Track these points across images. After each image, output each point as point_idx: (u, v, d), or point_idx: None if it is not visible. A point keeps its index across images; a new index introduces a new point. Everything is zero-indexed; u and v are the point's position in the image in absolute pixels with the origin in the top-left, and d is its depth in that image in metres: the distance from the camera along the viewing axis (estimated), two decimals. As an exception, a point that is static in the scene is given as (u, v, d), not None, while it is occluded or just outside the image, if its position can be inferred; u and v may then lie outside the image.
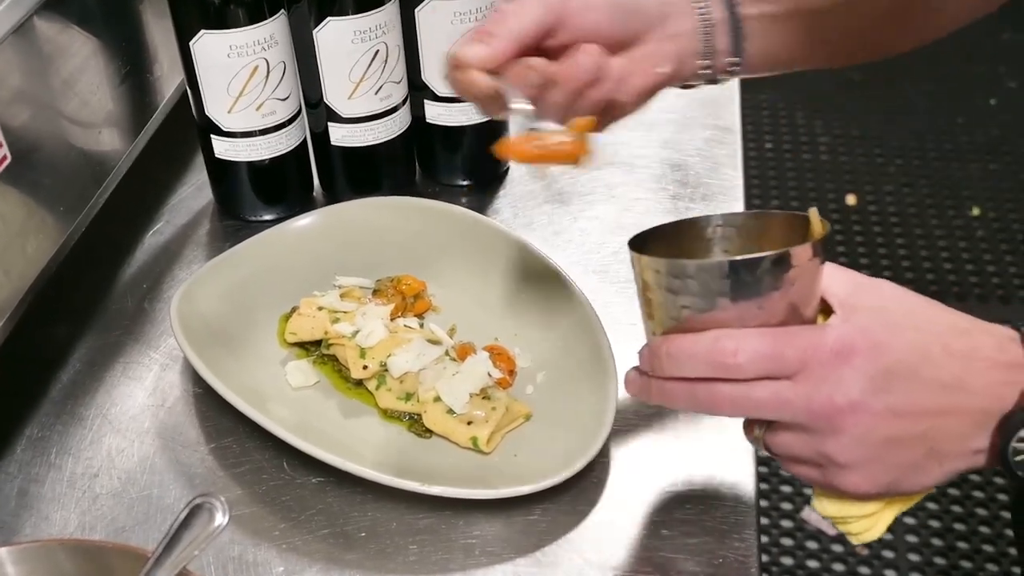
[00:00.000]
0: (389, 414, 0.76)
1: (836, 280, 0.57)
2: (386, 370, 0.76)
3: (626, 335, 0.83)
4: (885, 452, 0.56)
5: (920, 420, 0.56)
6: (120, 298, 0.89)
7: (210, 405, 0.78)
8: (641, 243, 0.59)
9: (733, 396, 0.56)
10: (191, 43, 0.85)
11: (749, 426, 0.61)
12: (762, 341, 0.55)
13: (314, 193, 0.99)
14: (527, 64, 0.67)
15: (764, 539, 1.77)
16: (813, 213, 0.58)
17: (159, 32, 0.90)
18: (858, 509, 0.60)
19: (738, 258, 0.55)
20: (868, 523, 0.61)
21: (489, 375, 0.75)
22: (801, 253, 0.55)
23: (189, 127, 0.94)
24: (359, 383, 0.77)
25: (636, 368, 0.62)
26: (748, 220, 0.61)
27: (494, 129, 0.95)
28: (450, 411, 0.73)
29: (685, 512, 0.70)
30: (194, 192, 1.01)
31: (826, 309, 0.57)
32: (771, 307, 0.55)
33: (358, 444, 0.74)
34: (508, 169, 1.02)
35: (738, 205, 0.97)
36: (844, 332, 0.55)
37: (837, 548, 1.75)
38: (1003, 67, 2.87)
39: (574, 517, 0.70)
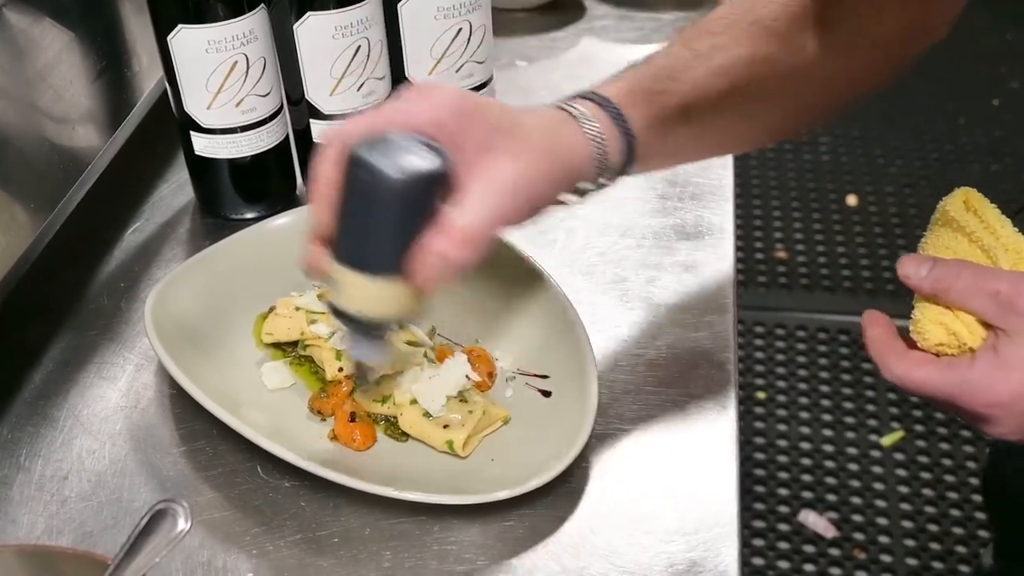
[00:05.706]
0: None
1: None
2: (362, 372, 0.74)
3: (610, 338, 0.82)
4: None
5: None
6: (97, 297, 0.88)
7: (184, 407, 0.77)
8: None
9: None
10: (169, 38, 0.83)
11: None
12: None
13: (297, 192, 0.97)
14: None
15: (760, 542, 1.76)
16: None
17: (137, 26, 0.89)
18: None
19: None
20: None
21: (467, 378, 0.73)
22: None
23: (172, 123, 0.92)
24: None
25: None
26: None
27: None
28: (426, 414, 0.72)
29: (665, 519, 0.69)
30: (175, 190, 0.99)
31: None
32: None
33: (333, 448, 0.72)
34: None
35: (728, 204, 0.95)
36: None
37: (834, 552, 1.73)
38: (1005, 67, 2.84)
39: (551, 523, 0.68)
